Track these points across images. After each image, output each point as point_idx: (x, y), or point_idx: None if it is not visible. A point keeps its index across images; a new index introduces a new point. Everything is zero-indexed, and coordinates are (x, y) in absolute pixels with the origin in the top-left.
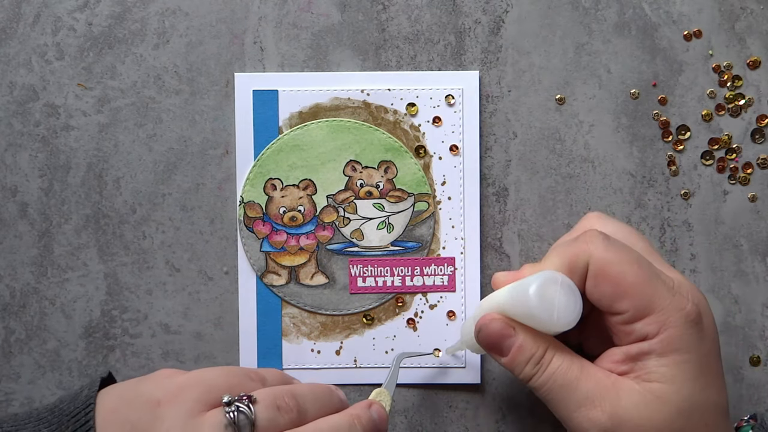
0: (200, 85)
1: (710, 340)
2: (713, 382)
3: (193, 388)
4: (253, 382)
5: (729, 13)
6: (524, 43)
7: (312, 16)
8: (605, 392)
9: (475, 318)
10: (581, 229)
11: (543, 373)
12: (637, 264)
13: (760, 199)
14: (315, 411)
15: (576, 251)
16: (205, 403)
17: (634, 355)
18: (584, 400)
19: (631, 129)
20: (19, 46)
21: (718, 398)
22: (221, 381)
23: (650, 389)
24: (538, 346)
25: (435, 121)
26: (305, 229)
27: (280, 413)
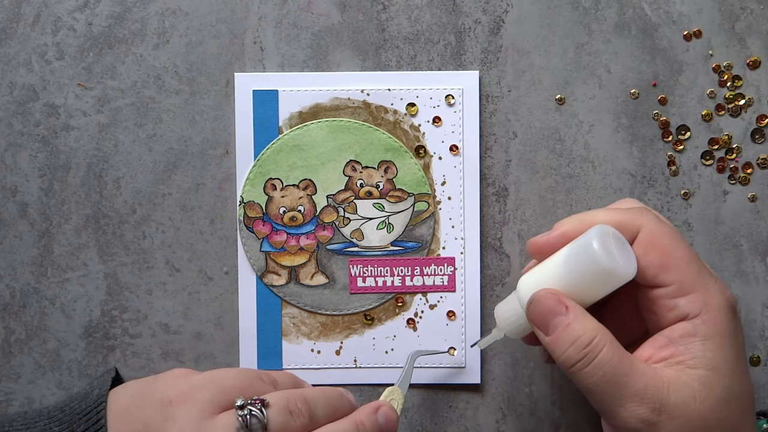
0: (200, 85)
1: (741, 330)
2: (746, 371)
3: (205, 388)
4: (265, 384)
5: (729, 13)
6: (524, 43)
7: (312, 16)
8: (656, 389)
9: (517, 297)
10: (620, 206)
11: (590, 363)
12: (684, 243)
13: (760, 199)
14: (326, 415)
15: (629, 216)
16: (217, 404)
17: (678, 338)
18: (633, 396)
19: (631, 129)
20: (19, 46)
21: (750, 387)
22: (234, 383)
23: (697, 377)
24: (586, 329)
25: (435, 121)
26: (305, 229)
27: (292, 417)
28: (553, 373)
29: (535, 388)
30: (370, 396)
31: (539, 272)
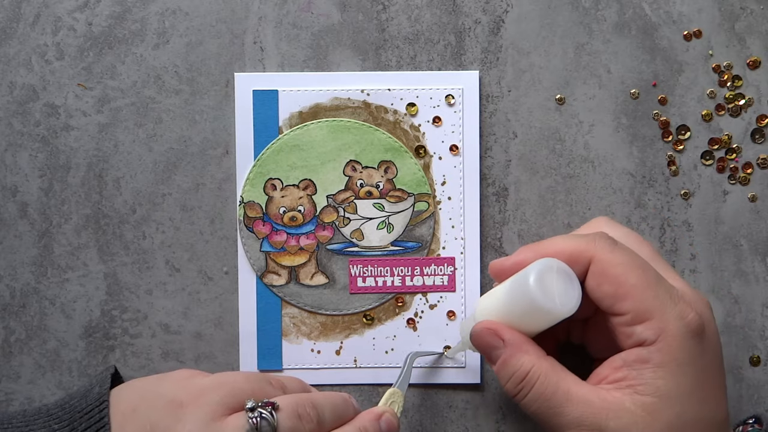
0: (200, 85)
1: (711, 352)
2: (712, 395)
3: (216, 390)
4: (274, 389)
5: (729, 13)
6: (524, 43)
7: (312, 16)
8: (594, 416)
9: (474, 318)
10: (587, 230)
11: (527, 396)
12: (641, 269)
13: (760, 199)
14: (332, 421)
15: (580, 247)
16: (227, 406)
17: (632, 362)
18: (570, 424)
19: (631, 129)
20: (19, 46)
21: (716, 412)
22: (244, 386)
23: (642, 404)
24: (521, 364)
25: (435, 121)
26: (305, 229)
27: (301, 422)
28: None
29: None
30: (370, 396)
31: (490, 297)
